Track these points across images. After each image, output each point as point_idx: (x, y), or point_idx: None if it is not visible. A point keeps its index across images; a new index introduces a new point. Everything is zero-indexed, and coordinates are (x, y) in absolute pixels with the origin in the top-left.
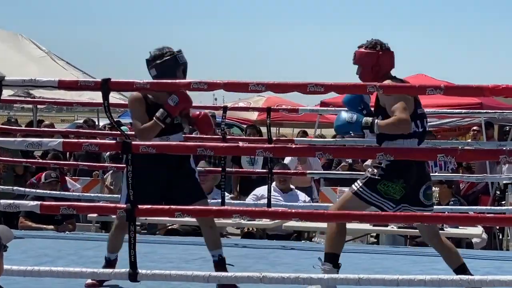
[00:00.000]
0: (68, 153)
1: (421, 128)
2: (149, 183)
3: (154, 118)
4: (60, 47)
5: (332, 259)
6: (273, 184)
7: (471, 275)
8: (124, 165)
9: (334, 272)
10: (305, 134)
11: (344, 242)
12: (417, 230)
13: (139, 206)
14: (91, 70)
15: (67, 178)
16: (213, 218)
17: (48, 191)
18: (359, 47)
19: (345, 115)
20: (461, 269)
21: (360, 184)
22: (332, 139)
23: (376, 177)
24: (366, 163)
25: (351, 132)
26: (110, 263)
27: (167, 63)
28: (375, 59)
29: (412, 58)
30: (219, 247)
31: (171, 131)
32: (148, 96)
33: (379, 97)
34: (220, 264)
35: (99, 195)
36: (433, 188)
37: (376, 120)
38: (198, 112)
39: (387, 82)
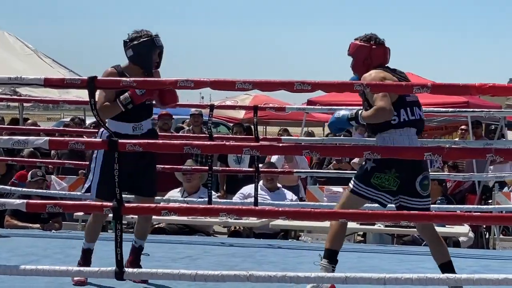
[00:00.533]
0: (51, 151)
1: (413, 116)
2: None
3: (117, 100)
4: (47, 45)
5: (331, 256)
6: (260, 183)
7: (455, 273)
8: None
9: (330, 269)
10: (286, 132)
11: (344, 240)
12: (404, 229)
13: (126, 204)
14: (78, 68)
15: (52, 176)
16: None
17: (34, 190)
18: (355, 39)
19: (336, 113)
20: (447, 266)
21: (355, 181)
22: (319, 138)
23: (368, 171)
24: (354, 161)
25: (346, 127)
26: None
27: (144, 44)
28: (367, 52)
29: (400, 57)
30: (145, 239)
31: (145, 116)
32: (125, 74)
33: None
34: (138, 252)
35: (86, 193)
36: None
37: (360, 111)
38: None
39: (376, 70)
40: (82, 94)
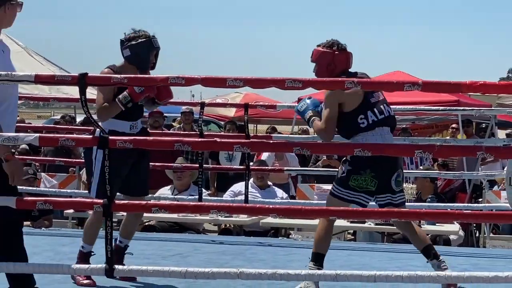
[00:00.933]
0: (40, 150)
1: (381, 115)
2: (115, 175)
3: (116, 100)
4: (37, 43)
5: (317, 259)
6: (251, 180)
7: (438, 256)
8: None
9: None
10: (274, 130)
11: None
12: (394, 227)
13: (116, 202)
14: (69, 66)
15: (42, 174)
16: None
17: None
18: (318, 45)
19: (303, 101)
20: (427, 249)
21: (335, 184)
22: (310, 136)
23: (345, 174)
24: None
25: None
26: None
27: (142, 45)
28: (330, 58)
29: (390, 56)
30: (131, 238)
31: (138, 116)
32: (118, 71)
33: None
34: (122, 251)
35: (76, 191)
36: (413, 185)
37: (313, 118)
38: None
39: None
40: (73, 92)
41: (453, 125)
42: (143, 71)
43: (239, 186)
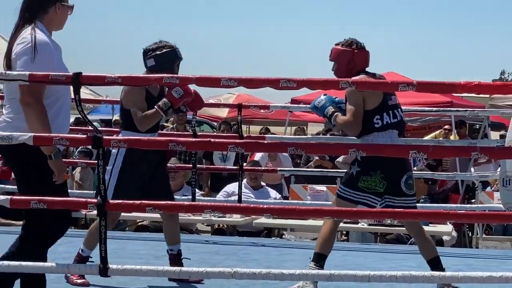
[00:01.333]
0: None
1: (394, 119)
2: (133, 183)
3: (156, 107)
4: None
5: (319, 260)
6: (244, 181)
7: (443, 269)
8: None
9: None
10: (267, 131)
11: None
12: (388, 228)
13: (110, 201)
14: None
15: None
16: (178, 216)
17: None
18: (336, 44)
19: (319, 98)
20: (434, 261)
21: (342, 186)
22: (304, 137)
23: (354, 176)
24: (338, 159)
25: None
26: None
27: (167, 55)
28: (350, 56)
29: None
30: (179, 242)
31: (157, 127)
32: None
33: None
34: (178, 258)
35: (70, 191)
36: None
37: (336, 113)
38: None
39: (360, 76)
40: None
41: (446, 126)
42: None
43: (232, 187)
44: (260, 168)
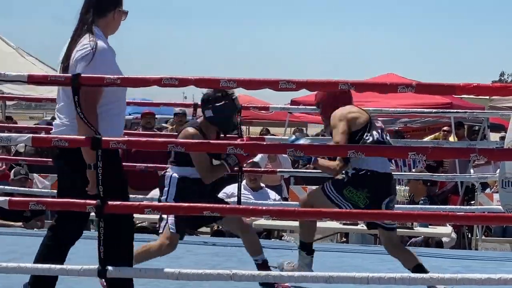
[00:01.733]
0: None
1: (382, 139)
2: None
3: (224, 163)
4: (29, 44)
5: (305, 247)
6: (243, 182)
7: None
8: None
9: (308, 259)
10: (267, 132)
11: (315, 230)
12: None
13: (109, 202)
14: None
15: (35, 175)
16: (251, 227)
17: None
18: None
19: (293, 137)
20: (418, 268)
21: (329, 183)
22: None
23: (344, 182)
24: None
25: None
26: None
27: (226, 107)
28: (335, 97)
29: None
30: (262, 252)
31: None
32: (203, 131)
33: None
34: (266, 266)
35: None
36: (406, 187)
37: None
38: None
39: (341, 108)
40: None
41: (445, 128)
42: (226, 132)
43: (231, 188)
44: (259, 169)
